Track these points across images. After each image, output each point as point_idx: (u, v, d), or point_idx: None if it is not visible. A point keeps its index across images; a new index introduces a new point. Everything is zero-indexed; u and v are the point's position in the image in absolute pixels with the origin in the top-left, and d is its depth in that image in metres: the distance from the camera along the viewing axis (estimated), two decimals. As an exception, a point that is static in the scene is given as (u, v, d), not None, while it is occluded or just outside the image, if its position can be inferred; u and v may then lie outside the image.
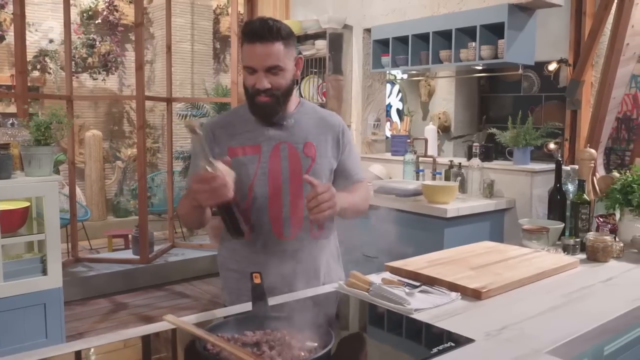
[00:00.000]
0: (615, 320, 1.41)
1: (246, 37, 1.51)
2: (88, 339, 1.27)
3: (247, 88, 1.56)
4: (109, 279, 4.40)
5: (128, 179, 6.77)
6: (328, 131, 1.70)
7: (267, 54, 1.49)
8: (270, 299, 1.38)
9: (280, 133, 1.62)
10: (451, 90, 5.42)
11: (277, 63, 1.50)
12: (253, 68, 1.52)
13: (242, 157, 1.59)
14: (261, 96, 1.53)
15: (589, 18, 4.86)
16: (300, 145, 1.63)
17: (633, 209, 2.12)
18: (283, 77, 1.54)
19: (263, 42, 1.48)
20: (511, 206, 3.41)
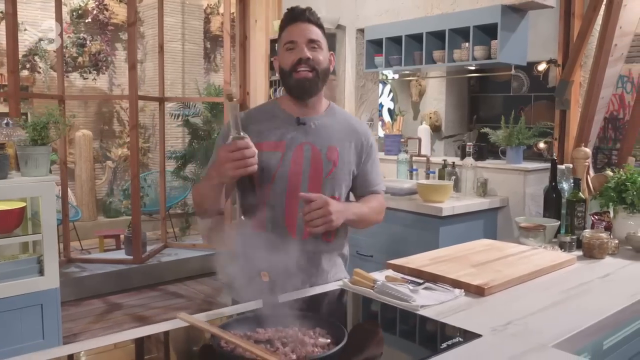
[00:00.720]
0: (615, 315, 1.45)
1: (289, 19, 1.60)
2: (100, 337, 1.27)
3: (284, 69, 1.60)
4: (103, 280, 4.38)
5: (118, 179, 6.73)
6: (352, 137, 1.71)
7: (309, 29, 1.59)
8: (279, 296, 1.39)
9: (306, 134, 1.63)
10: (442, 90, 5.47)
11: (318, 38, 1.59)
12: (295, 42, 1.57)
13: (265, 152, 1.58)
14: (302, 69, 1.56)
15: (577, 19, 4.93)
16: (324, 149, 1.63)
17: (627, 207, 2.17)
18: (321, 54, 1.60)
19: (305, 22, 1.59)
20: (504, 205, 3.45)
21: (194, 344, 1.27)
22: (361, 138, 1.72)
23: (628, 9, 4.42)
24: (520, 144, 3.47)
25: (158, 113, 6.53)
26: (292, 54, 1.57)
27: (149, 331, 1.29)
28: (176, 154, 5.73)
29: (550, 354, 1.17)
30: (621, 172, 2.26)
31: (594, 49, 4.75)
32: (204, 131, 5.63)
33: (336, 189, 1.66)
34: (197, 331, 1.24)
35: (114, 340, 1.25)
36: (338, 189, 1.67)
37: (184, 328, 1.27)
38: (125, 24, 6.55)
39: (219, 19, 7.26)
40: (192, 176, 5.88)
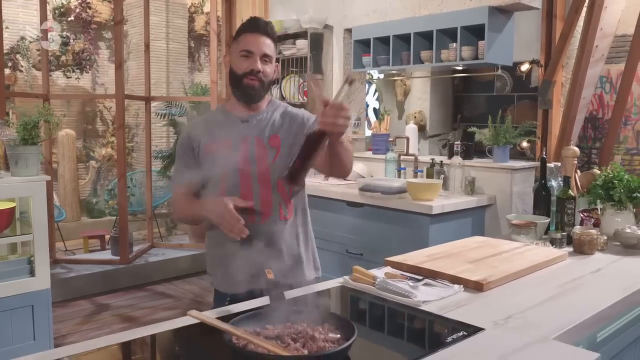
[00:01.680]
0: (610, 308, 1.50)
1: (249, 28, 1.76)
2: (106, 337, 1.27)
3: (236, 73, 1.75)
4: (90, 280, 4.34)
5: (102, 179, 6.67)
6: (293, 123, 1.83)
7: (266, 43, 1.75)
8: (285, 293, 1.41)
9: (250, 128, 1.79)
10: (426, 90, 5.52)
11: (270, 53, 1.77)
12: (251, 52, 1.73)
13: (216, 152, 1.75)
14: (251, 77, 1.73)
15: (559, 20, 5.03)
16: (265, 138, 1.78)
17: (614, 204, 2.23)
18: (270, 68, 1.78)
19: (263, 34, 1.75)
20: (492, 203, 3.51)
21: (203, 341, 1.28)
22: (301, 120, 1.84)
23: (608, 11, 4.52)
24: (507, 143, 3.53)
25: (141, 112, 6.52)
26: (246, 61, 1.73)
27: (158, 329, 1.30)
28: (162, 154, 5.69)
29: (553, 346, 1.21)
30: (608, 170, 2.33)
31: (575, 50, 4.85)
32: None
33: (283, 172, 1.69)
34: (207, 328, 1.25)
35: (122, 339, 1.25)
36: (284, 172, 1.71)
37: (194, 325, 1.28)
38: (108, 22, 6.50)
39: (203, 17, 7.23)
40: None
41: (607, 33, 4.62)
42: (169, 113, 5.69)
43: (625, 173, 2.28)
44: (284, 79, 4.76)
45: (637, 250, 2.08)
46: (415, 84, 5.55)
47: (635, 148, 5.27)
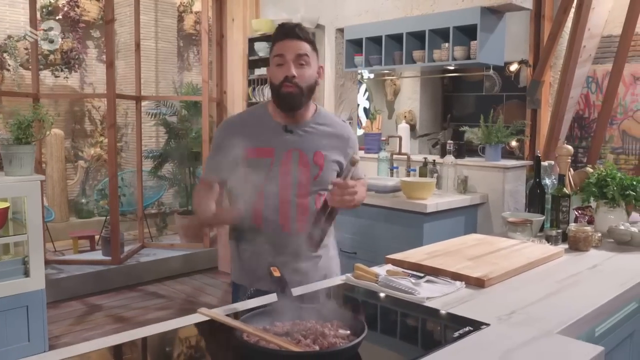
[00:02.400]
0: (608, 303, 1.53)
1: (279, 35, 1.70)
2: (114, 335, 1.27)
3: (273, 83, 1.70)
4: (81, 281, 4.31)
5: (91, 179, 6.61)
6: (336, 140, 1.81)
7: (297, 46, 1.67)
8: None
9: (294, 139, 1.74)
10: (416, 90, 5.56)
11: (306, 53, 1.68)
12: (283, 56, 1.66)
13: (256, 158, 1.70)
14: (288, 85, 1.66)
15: (547, 21, 5.09)
16: (310, 154, 1.74)
17: (608, 201, 2.27)
18: (308, 71, 1.69)
19: (294, 38, 1.68)
20: (484, 201, 3.55)
21: (214, 338, 1.28)
22: (345, 141, 1.84)
23: (596, 12, 4.59)
24: (499, 142, 3.57)
25: (130, 112, 6.49)
26: (280, 70, 1.67)
27: (167, 327, 1.30)
28: (153, 153, 5.66)
29: (558, 340, 1.23)
30: (601, 168, 2.37)
31: (562, 50, 4.92)
32: (181, 130, 5.58)
33: (322, 190, 1.76)
34: (216, 325, 1.25)
35: (131, 338, 1.25)
36: (324, 190, 1.76)
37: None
38: (97, 21, 6.45)
39: (192, 17, 7.20)
40: (170, 175, 5.82)
41: (595, 34, 4.69)
42: (160, 112, 5.66)
43: (617, 171, 2.32)
44: (276, 79, 4.76)
45: (631, 246, 2.12)
46: (405, 83, 5.59)
47: (620, 147, 5.36)
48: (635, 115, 5.14)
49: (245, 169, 1.66)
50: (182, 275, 4.85)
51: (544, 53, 4.77)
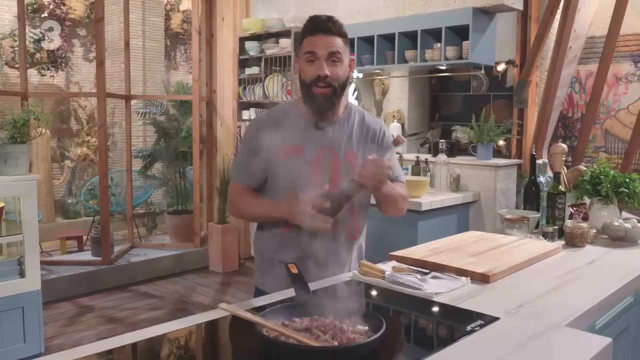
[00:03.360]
0: (609, 297, 1.57)
1: (311, 29, 1.64)
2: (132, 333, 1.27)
3: (304, 80, 1.64)
4: (72, 282, 4.27)
5: (77, 179, 6.54)
6: (369, 137, 1.77)
7: (330, 42, 1.61)
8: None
9: (325, 137, 1.69)
10: (404, 89, 5.59)
11: (338, 50, 1.61)
12: (315, 54, 1.60)
13: (287, 156, 1.66)
14: (320, 85, 1.61)
15: (534, 22, 5.17)
16: (341, 152, 1.70)
17: (601, 198, 2.32)
18: (341, 69, 1.62)
19: (327, 33, 1.62)
20: (476, 199, 3.60)
21: (234, 333, 1.30)
22: (378, 137, 1.79)
23: (581, 14, 4.68)
24: (490, 141, 3.62)
25: (117, 111, 6.43)
26: (312, 67, 1.61)
27: (186, 323, 1.31)
28: (143, 153, 5.62)
29: (567, 332, 1.27)
30: (594, 166, 2.42)
31: (549, 51, 5.00)
32: (171, 129, 5.55)
33: None
34: (236, 321, 1.27)
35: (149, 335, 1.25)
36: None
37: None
38: (83, 19, 6.39)
39: (179, 16, 7.17)
40: (160, 175, 5.78)
41: (580, 35, 4.78)
42: (150, 112, 5.63)
43: (610, 169, 2.38)
44: (267, 78, 4.77)
45: (625, 242, 2.18)
46: (394, 83, 5.62)
47: (603, 146, 5.46)
48: (617, 115, 5.25)
49: (278, 169, 1.65)
50: (173, 275, 4.83)
51: (531, 53, 4.85)
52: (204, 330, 1.30)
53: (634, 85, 5.11)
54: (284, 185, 1.66)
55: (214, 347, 1.28)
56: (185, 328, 1.29)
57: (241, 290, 4.55)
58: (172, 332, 1.26)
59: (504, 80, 5.27)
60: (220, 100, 5.41)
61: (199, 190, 5.19)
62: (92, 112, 6.53)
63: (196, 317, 1.33)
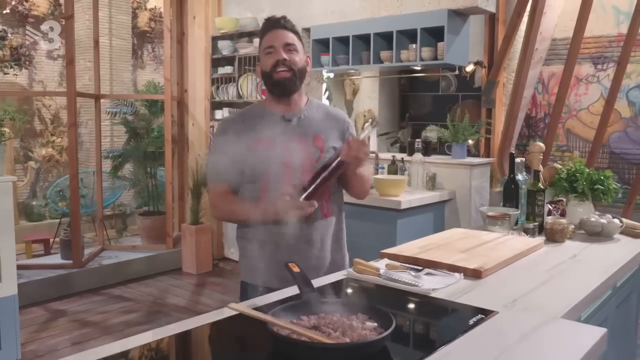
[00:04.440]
0: (596, 289, 1.64)
1: (267, 28, 1.82)
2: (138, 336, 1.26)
3: (265, 71, 1.79)
4: (41, 286, 4.16)
5: (42, 181, 6.36)
6: (333, 124, 1.89)
7: (285, 35, 1.79)
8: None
9: (292, 127, 1.82)
10: (375, 89, 5.66)
11: (293, 42, 1.79)
12: (272, 46, 1.77)
13: (259, 147, 1.76)
14: (280, 70, 1.75)
15: (501, 24, 5.30)
16: (310, 138, 1.82)
17: (577, 195, 2.41)
18: (297, 56, 1.78)
19: (281, 29, 1.80)
20: (452, 197, 3.68)
21: (244, 332, 1.30)
22: (342, 124, 1.92)
23: (547, 16, 4.82)
24: (465, 140, 3.70)
25: (83, 110, 6.26)
26: (271, 57, 1.77)
27: (195, 323, 1.30)
28: (113, 153, 5.51)
29: (564, 324, 1.32)
30: (570, 164, 2.51)
31: (516, 52, 5.14)
32: (141, 129, 5.46)
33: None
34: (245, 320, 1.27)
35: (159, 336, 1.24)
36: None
37: (229, 318, 1.29)
38: (47, 16, 6.21)
39: (146, 14, 7.05)
40: (130, 176, 5.68)
41: (546, 37, 4.92)
42: (120, 111, 5.52)
43: (585, 167, 2.47)
44: (241, 77, 4.75)
45: (601, 237, 2.26)
46: (364, 83, 5.68)
47: (565, 145, 5.64)
48: (578, 115, 5.44)
49: (251, 160, 1.74)
50: (146, 277, 4.76)
51: (499, 55, 4.96)
52: (212, 329, 1.30)
53: (594, 86, 5.30)
54: (259, 174, 1.76)
55: (224, 347, 1.28)
56: (193, 328, 1.28)
57: (216, 291, 4.52)
58: (181, 333, 1.25)
59: (472, 80, 5.39)
60: (191, 100, 5.36)
61: (171, 191, 5.12)
62: (56, 112, 6.36)
63: (204, 317, 1.33)
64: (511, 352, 1.15)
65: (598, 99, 5.31)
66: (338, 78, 5.73)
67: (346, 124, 1.92)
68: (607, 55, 5.23)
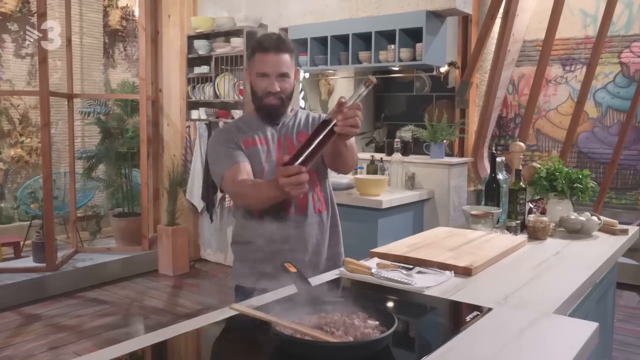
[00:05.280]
0: (583, 285, 1.69)
1: (262, 48, 1.79)
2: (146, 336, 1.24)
3: (256, 92, 1.84)
4: (14, 290, 4.05)
5: (10, 182, 6.19)
6: (317, 123, 1.93)
7: (280, 62, 1.78)
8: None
9: (280, 129, 1.92)
10: (350, 89, 5.69)
11: (287, 71, 1.80)
12: (266, 74, 1.78)
13: (254, 147, 1.87)
14: (271, 98, 1.81)
15: (474, 26, 5.40)
16: (294, 135, 1.91)
17: (557, 194, 2.48)
18: (289, 83, 1.83)
19: (277, 52, 1.77)
20: (430, 197, 3.72)
21: (246, 333, 1.29)
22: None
23: (519, 19, 4.93)
24: (443, 140, 3.76)
25: (53, 110, 6.11)
26: (263, 82, 1.80)
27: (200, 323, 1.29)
28: (87, 154, 5.40)
29: (557, 319, 1.36)
30: (549, 163, 2.58)
31: (488, 54, 5.23)
32: (116, 129, 5.36)
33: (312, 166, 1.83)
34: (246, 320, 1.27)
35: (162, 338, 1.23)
36: (313, 165, 1.76)
37: (229, 318, 1.29)
38: (14, 13, 6.06)
39: (118, 12, 6.93)
40: (104, 177, 5.57)
41: (518, 39, 5.03)
42: (94, 111, 5.41)
43: (564, 166, 2.54)
44: (218, 77, 4.71)
45: (580, 234, 2.33)
46: (339, 83, 5.70)
47: (535, 145, 5.78)
48: (547, 115, 5.58)
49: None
50: (122, 279, 4.68)
51: (472, 56, 5.05)
52: (213, 330, 1.30)
53: (562, 87, 5.45)
54: (258, 168, 1.84)
55: (226, 347, 1.28)
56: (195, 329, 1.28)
57: (194, 292, 4.48)
58: (184, 334, 1.24)
59: (446, 81, 5.47)
60: (166, 100, 5.29)
61: (147, 192, 5.05)
62: (25, 112, 6.20)
63: (205, 317, 1.32)
64: (511, 347, 1.18)
65: (567, 100, 5.45)
66: (313, 78, 5.75)
67: None
68: (575, 57, 5.39)
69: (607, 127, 5.16)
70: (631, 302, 4.19)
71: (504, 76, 5.06)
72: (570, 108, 5.21)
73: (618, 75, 5.07)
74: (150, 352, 1.18)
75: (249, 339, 1.27)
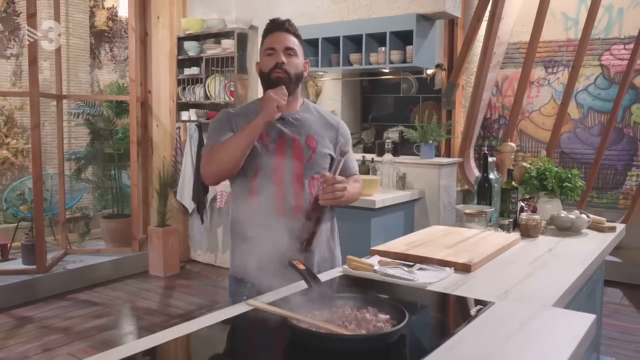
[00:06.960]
0: (577, 280, 1.76)
1: (270, 29, 1.87)
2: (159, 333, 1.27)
3: (263, 71, 1.83)
4: (5, 292, 4.03)
5: (-5, 184, 6.12)
6: (327, 128, 1.94)
7: (287, 38, 1.85)
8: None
9: (286, 126, 1.86)
10: (337, 91, 5.74)
11: (293, 46, 1.84)
12: (274, 48, 1.82)
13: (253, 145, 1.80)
14: (277, 71, 1.80)
15: (460, 28, 5.49)
16: (303, 138, 1.86)
17: (547, 193, 2.56)
18: (296, 61, 1.84)
19: (284, 31, 1.86)
20: (421, 196, 3.79)
21: (262, 328, 1.33)
22: (336, 128, 1.97)
23: (504, 22, 5.04)
24: (433, 141, 3.83)
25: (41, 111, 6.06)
26: (270, 58, 1.81)
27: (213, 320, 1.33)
28: (76, 155, 5.37)
29: (557, 312, 1.43)
30: (539, 163, 2.65)
31: (474, 56, 5.33)
32: (105, 131, 5.35)
33: (316, 172, 1.87)
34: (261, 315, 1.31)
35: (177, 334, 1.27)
36: (318, 172, 1.86)
37: (244, 314, 1.32)
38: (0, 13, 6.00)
39: (104, 13, 6.90)
40: (94, 178, 5.55)
41: (503, 41, 5.13)
42: (84, 112, 5.39)
43: (553, 166, 2.62)
44: (209, 78, 4.73)
45: (570, 232, 2.41)
46: (327, 85, 5.75)
47: (518, 145, 5.89)
48: (531, 116, 5.70)
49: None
50: (113, 281, 4.67)
51: (459, 58, 5.14)
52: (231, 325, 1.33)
53: (545, 89, 5.56)
54: (250, 168, 1.80)
55: (243, 342, 1.32)
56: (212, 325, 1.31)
57: (186, 293, 4.49)
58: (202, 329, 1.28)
59: (433, 82, 5.55)
60: (156, 101, 5.29)
61: (137, 193, 5.04)
62: (11, 113, 6.15)
63: (220, 312, 1.36)
64: (517, 338, 1.24)
65: (549, 101, 5.57)
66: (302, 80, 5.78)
67: (340, 131, 1.95)
68: (557, 59, 5.51)
69: (589, 127, 5.28)
70: (615, 298, 4.31)
71: (489, 78, 5.15)
72: (553, 109, 5.33)
73: (599, 78, 5.19)
74: (175, 345, 1.21)
75: (265, 333, 1.31)
